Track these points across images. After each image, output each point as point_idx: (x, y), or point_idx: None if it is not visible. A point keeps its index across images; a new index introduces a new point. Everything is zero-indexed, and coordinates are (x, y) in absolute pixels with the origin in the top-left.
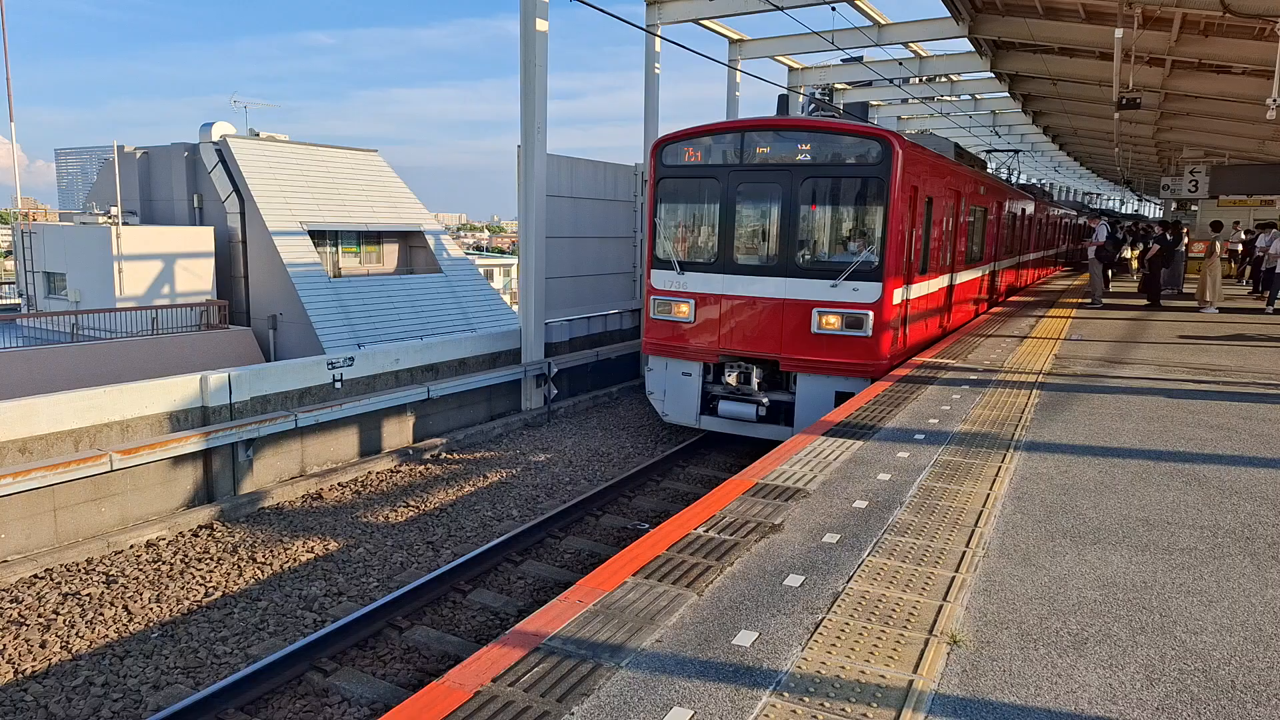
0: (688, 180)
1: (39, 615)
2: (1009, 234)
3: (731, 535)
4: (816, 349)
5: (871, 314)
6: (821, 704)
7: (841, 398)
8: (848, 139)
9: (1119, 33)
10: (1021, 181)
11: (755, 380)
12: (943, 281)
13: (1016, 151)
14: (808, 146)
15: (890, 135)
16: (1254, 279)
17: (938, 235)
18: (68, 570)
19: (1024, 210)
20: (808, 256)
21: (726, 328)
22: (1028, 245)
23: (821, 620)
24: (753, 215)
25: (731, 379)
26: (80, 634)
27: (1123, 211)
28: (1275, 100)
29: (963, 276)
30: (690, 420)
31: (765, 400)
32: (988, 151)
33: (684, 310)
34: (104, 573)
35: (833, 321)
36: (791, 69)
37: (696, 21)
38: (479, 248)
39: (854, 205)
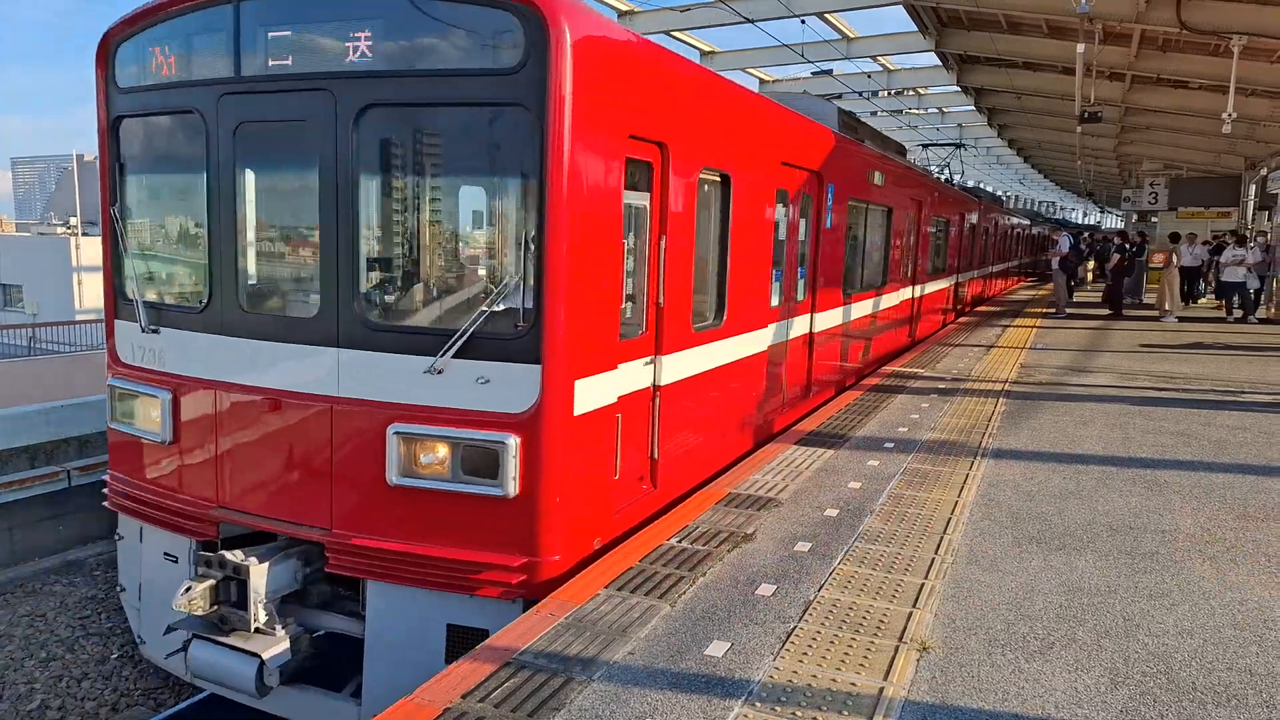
0: (157, 120)
1: None
2: (937, 251)
3: (704, 545)
4: (403, 521)
5: (518, 441)
6: (794, 713)
7: (461, 635)
8: (451, 8)
9: (1080, 48)
10: (970, 185)
11: (259, 590)
12: (749, 345)
13: (959, 145)
14: (366, 33)
15: (554, 4)
16: (1216, 289)
17: (742, 249)
18: (25, 590)
19: (963, 217)
20: (384, 299)
21: (227, 459)
22: (968, 263)
23: (793, 629)
24: (269, 199)
25: (200, 591)
26: (35, 656)
27: (1081, 223)
28: (1231, 115)
29: (801, 329)
30: (171, 658)
31: (285, 638)
32: (924, 146)
33: (154, 414)
34: (62, 593)
35: (436, 457)
36: (762, 81)
37: (668, 33)
38: None
39: (480, 174)
